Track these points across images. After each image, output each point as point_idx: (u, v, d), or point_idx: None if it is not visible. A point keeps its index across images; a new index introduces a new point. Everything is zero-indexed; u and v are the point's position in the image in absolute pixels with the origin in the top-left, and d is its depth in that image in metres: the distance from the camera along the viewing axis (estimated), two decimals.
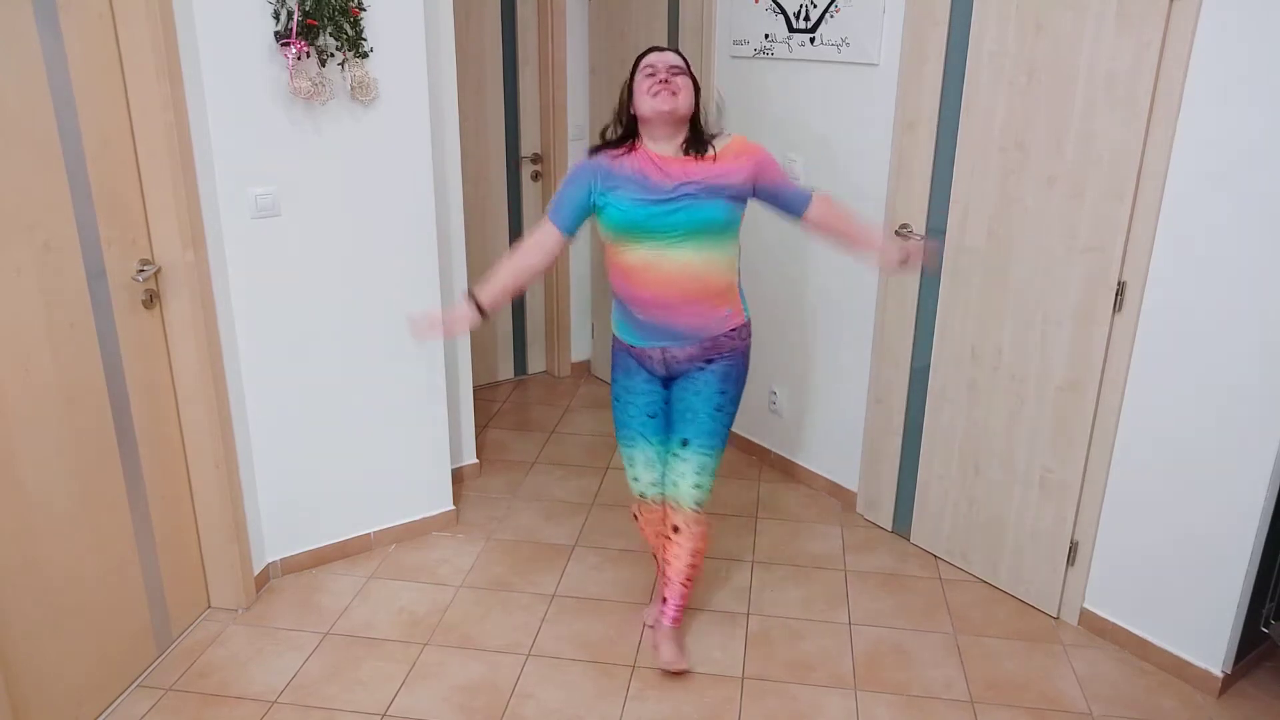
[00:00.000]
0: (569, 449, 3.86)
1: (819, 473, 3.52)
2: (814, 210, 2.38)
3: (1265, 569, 2.39)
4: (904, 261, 2.34)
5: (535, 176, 4.35)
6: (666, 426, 2.47)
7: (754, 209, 2.37)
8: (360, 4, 2.54)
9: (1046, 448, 2.69)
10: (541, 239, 2.34)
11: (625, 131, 2.33)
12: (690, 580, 2.52)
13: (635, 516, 2.65)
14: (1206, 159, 2.24)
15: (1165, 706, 2.43)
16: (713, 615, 2.78)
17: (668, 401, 2.46)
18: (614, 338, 2.48)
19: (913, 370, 3.05)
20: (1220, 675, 2.44)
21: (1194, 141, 2.25)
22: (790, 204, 2.38)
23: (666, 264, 2.25)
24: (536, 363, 4.65)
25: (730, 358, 2.39)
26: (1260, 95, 2.12)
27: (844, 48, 3.03)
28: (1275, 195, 2.13)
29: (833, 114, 3.14)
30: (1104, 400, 2.54)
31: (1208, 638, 2.45)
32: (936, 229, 2.86)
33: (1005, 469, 2.81)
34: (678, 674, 2.52)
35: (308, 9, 2.44)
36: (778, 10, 3.21)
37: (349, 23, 2.51)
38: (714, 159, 2.27)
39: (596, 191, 2.28)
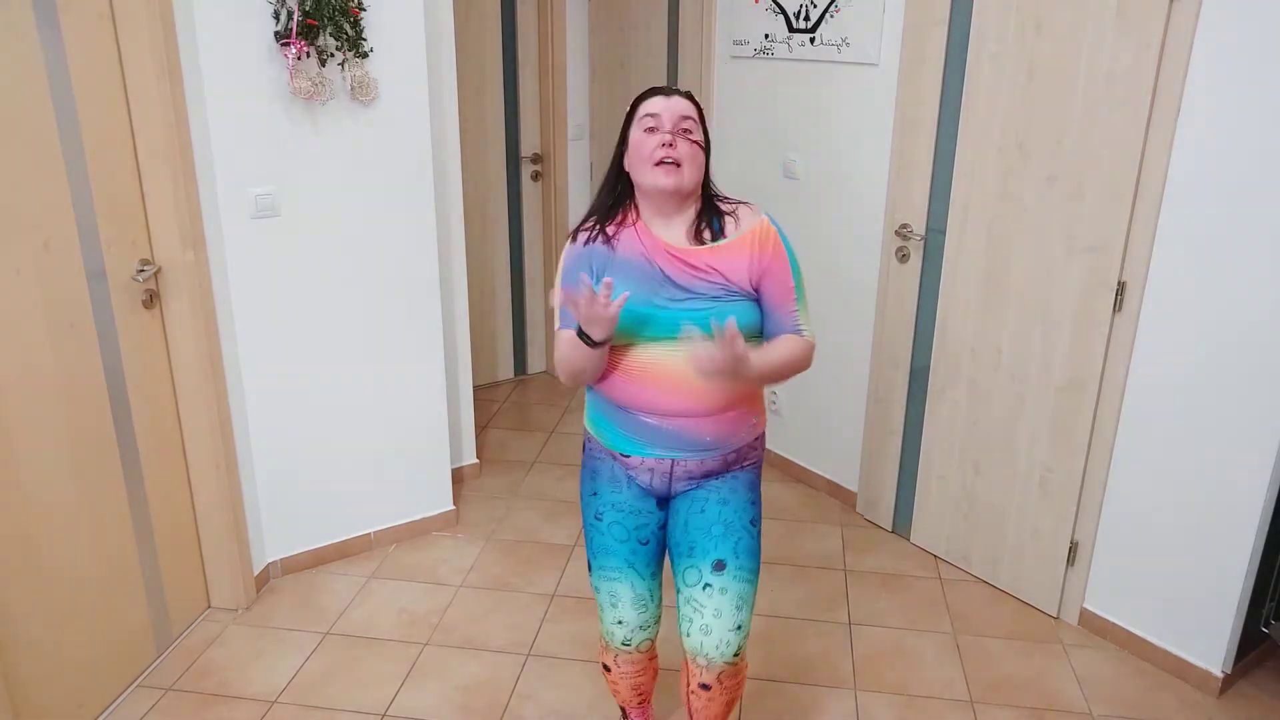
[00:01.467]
0: (569, 449, 3.86)
1: (819, 473, 3.52)
2: (781, 346, 1.79)
3: (1265, 569, 2.39)
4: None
5: (535, 176, 4.35)
6: (659, 556, 1.96)
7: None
8: (360, 4, 2.54)
9: (1046, 448, 2.69)
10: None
11: (618, 192, 1.82)
12: None
13: (606, 669, 2.07)
14: (1207, 159, 2.24)
15: (1165, 706, 2.43)
16: None
17: (663, 526, 1.94)
18: (589, 440, 1.96)
19: (913, 370, 3.05)
20: (1220, 675, 2.44)
21: (1194, 141, 2.25)
22: (777, 326, 1.81)
23: (681, 368, 1.74)
24: (536, 363, 4.65)
25: (755, 467, 1.96)
26: (1260, 95, 2.12)
27: (844, 48, 3.03)
28: (1275, 195, 2.13)
29: (833, 114, 3.14)
30: (1104, 400, 2.54)
31: (1208, 638, 2.45)
32: (936, 229, 2.86)
33: (1005, 469, 2.81)
34: None
35: (308, 9, 2.44)
36: (778, 10, 3.21)
37: (349, 23, 2.51)
38: (735, 246, 1.77)
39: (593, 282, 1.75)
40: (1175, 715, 2.40)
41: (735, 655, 1.85)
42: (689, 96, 1.80)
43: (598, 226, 1.82)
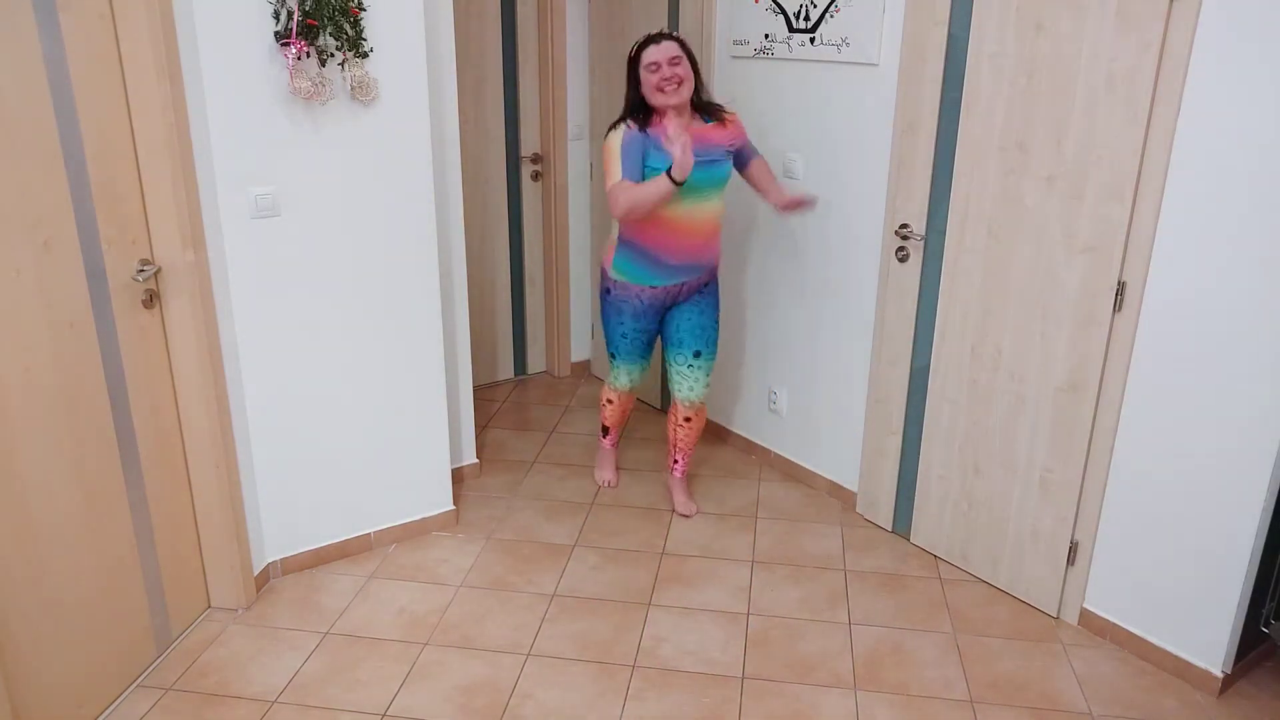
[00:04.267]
0: (569, 449, 3.86)
1: (819, 473, 3.52)
2: (752, 167, 3.04)
3: (1265, 569, 2.39)
4: (791, 204, 2.94)
5: (535, 176, 4.35)
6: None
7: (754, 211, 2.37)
8: (360, 4, 2.54)
9: (1046, 448, 2.69)
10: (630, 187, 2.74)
11: (639, 110, 2.78)
12: (694, 444, 3.30)
13: (609, 402, 3.33)
14: (1206, 159, 2.24)
15: (1165, 706, 2.43)
16: (713, 615, 2.78)
17: (660, 328, 3.13)
18: (620, 286, 2.98)
19: (913, 370, 3.05)
20: (1220, 675, 2.44)
21: (1194, 141, 2.25)
22: (745, 157, 3.03)
23: (699, 214, 2.82)
24: (536, 363, 4.65)
25: (715, 280, 3.12)
26: (1260, 95, 2.12)
27: (844, 48, 3.03)
28: (1275, 195, 2.13)
29: (833, 114, 3.14)
30: (1104, 400, 2.54)
31: (1208, 638, 2.45)
32: (936, 229, 2.86)
33: (1005, 469, 2.81)
34: (688, 517, 3.28)
35: (308, 9, 2.44)
36: (778, 10, 3.21)
37: (349, 23, 2.51)
38: (725, 125, 2.87)
39: (649, 158, 2.72)
40: (1175, 715, 2.40)
41: (703, 399, 3.20)
42: (672, 37, 2.77)
43: (637, 122, 2.78)
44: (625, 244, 2.91)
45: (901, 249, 2.97)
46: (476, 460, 3.59)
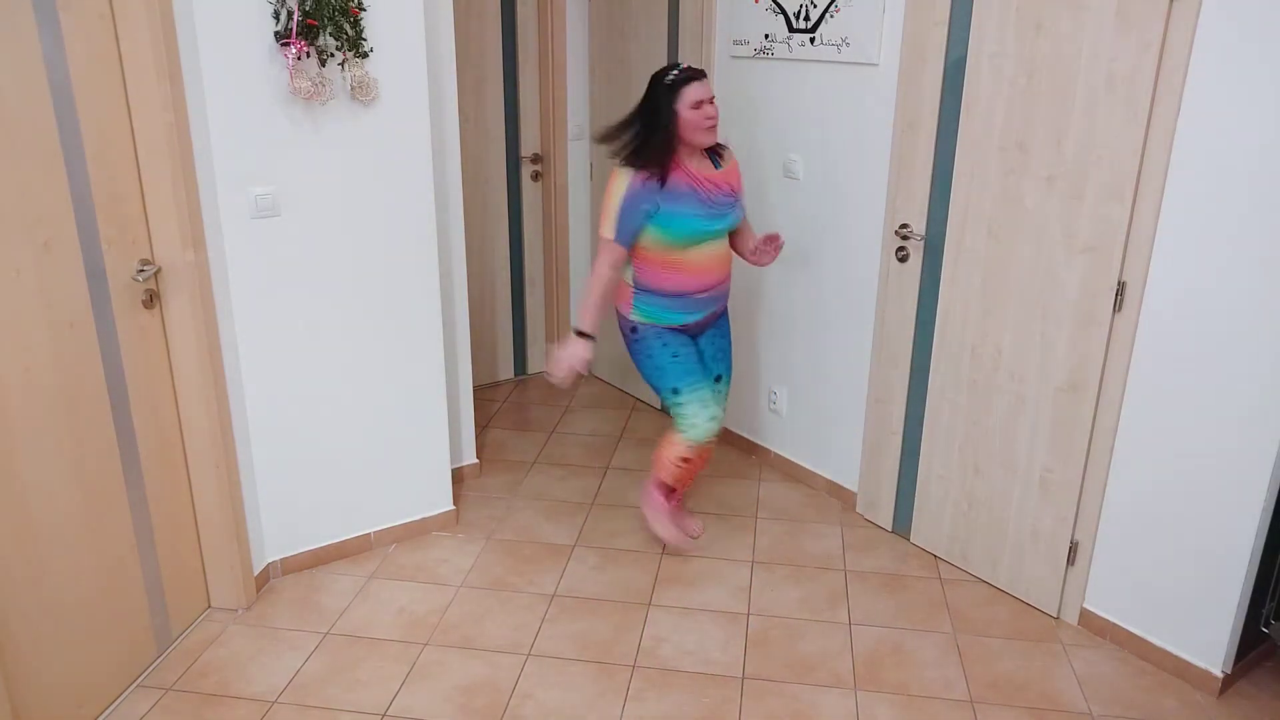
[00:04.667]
0: (569, 449, 3.86)
1: (819, 473, 3.52)
2: (743, 224, 2.90)
3: (1265, 569, 2.39)
4: (766, 248, 2.87)
5: (535, 176, 4.35)
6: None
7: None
8: (360, 4, 2.54)
9: (1046, 448, 2.69)
10: (616, 261, 2.70)
11: (666, 149, 2.62)
12: (691, 481, 3.18)
13: (686, 461, 2.92)
14: (1206, 159, 2.24)
15: (1165, 706, 2.43)
16: (713, 615, 2.78)
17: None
18: (648, 329, 2.81)
19: (913, 370, 3.05)
20: (1220, 675, 2.44)
21: (1194, 141, 2.25)
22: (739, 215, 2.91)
23: (714, 253, 2.76)
24: (536, 363, 4.65)
25: (727, 308, 3.03)
26: (1260, 95, 2.12)
27: (844, 48, 3.03)
28: (1275, 195, 2.13)
29: (833, 114, 3.14)
30: (1104, 400, 2.54)
31: (1208, 638, 2.45)
32: (936, 229, 2.86)
33: (1005, 469, 2.81)
34: (698, 536, 3.16)
35: (308, 9, 2.44)
36: (778, 10, 3.21)
37: (349, 23, 2.51)
38: (728, 172, 2.77)
39: (656, 210, 2.62)
40: (1175, 715, 2.40)
41: (719, 430, 2.90)
42: (703, 74, 2.66)
43: (656, 174, 2.63)
44: (644, 292, 2.78)
45: (901, 249, 2.97)
46: (476, 460, 3.59)
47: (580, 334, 2.70)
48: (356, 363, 2.89)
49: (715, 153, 2.76)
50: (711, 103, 2.63)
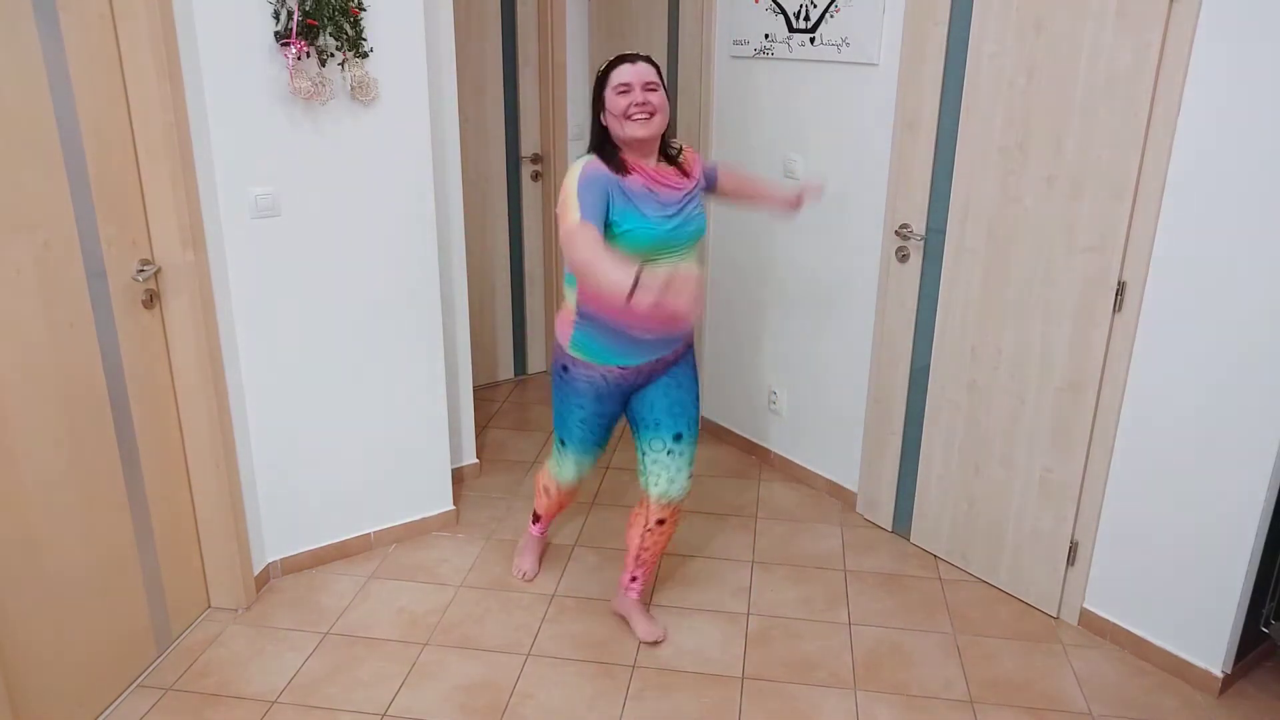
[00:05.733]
0: None
1: (819, 473, 3.52)
2: (722, 181, 2.53)
3: (1265, 569, 2.39)
4: (799, 202, 2.53)
5: (535, 176, 4.35)
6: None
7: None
8: (360, 4, 2.54)
9: (1046, 448, 2.69)
10: (597, 239, 2.10)
11: (599, 142, 2.27)
12: (660, 555, 2.73)
13: (546, 491, 2.78)
14: (1206, 159, 2.24)
15: (1165, 706, 2.43)
16: (713, 615, 2.78)
17: (624, 411, 2.55)
18: (580, 365, 2.38)
19: (913, 370, 3.05)
20: (1220, 675, 2.44)
21: (1194, 142, 2.25)
22: (710, 177, 2.51)
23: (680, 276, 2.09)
24: (536, 363, 4.65)
25: (691, 348, 2.56)
26: (1260, 95, 2.12)
27: (844, 48, 3.03)
28: (1275, 195, 2.13)
29: (833, 114, 3.14)
30: (1104, 400, 2.54)
31: (1208, 638, 2.45)
32: (936, 229, 2.86)
33: (1005, 469, 2.81)
34: (655, 644, 2.66)
35: (308, 9, 2.44)
36: (778, 10, 3.21)
37: (349, 23, 2.51)
38: (689, 169, 2.37)
39: (614, 207, 2.20)
40: (1175, 715, 2.40)
41: (683, 496, 2.53)
42: (648, 60, 2.26)
43: (606, 161, 2.24)
44: (585, 319, 2.33)
45: (901, 249, 2.97)
46: (476, 460, 3.59)
47: (631, 286, 1.94)
48: (356, 362, 2.89)
49: (672, 156, 2.35)
50: (646, 88, 2.20)
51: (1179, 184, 2.29)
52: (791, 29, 3.18)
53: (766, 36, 3.28)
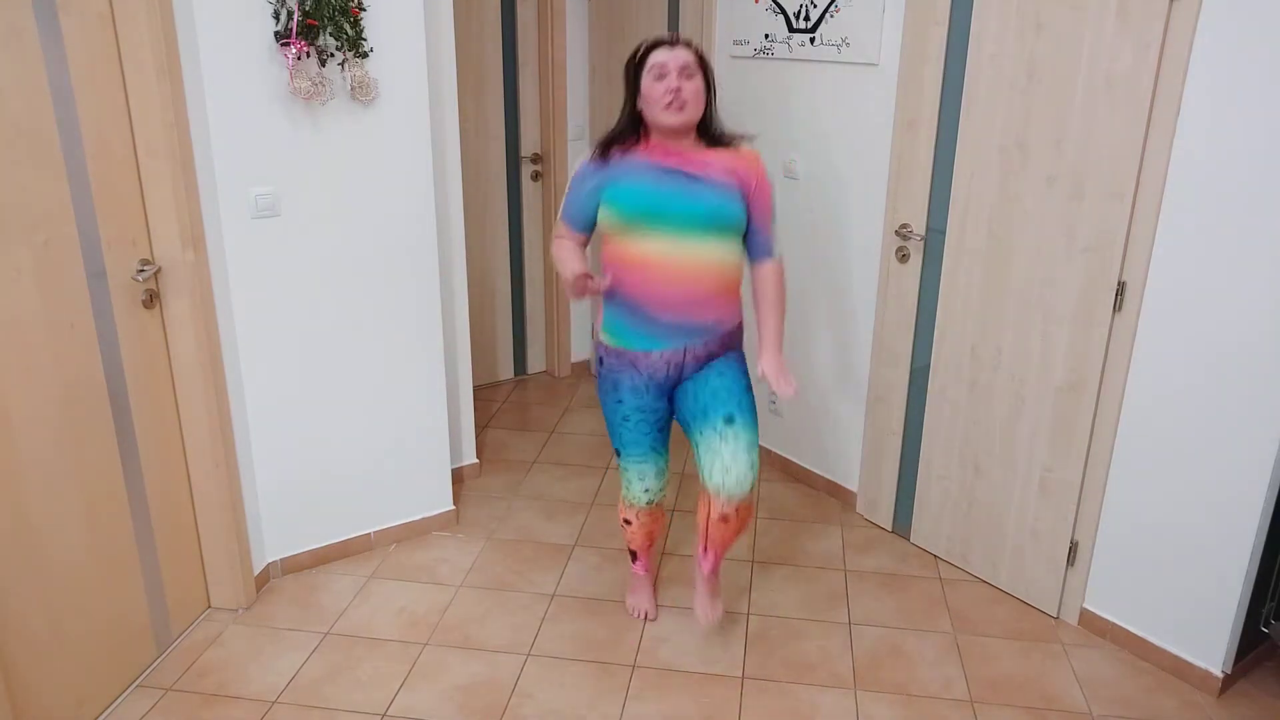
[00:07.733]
0: (569, 449, 3.86)
1: (819, 473, 3.52)
2: (765, 268, 2.36)
3: (1265, 569, 2.39)
4: (764, 374, 2.29)
5: (535, 176, 4.35)
6: (669, 435, 2.52)
7: None
8: (360, 4, 2.54)
9: (1046, 448, 2.69)
10: (567, 237, 2.37)
11: (630, 124, 2.26)
12: (731, 544, 2.46)
13: (627, 523, 2.61)
14: (1207, 159, 2.24)
15: (1165, 706, 2.43)
16: None
17: (672, 414, 2.45)
18: (612, 354, 2.37)
19: (913, 370, 3.05)
20: (1220, 675, 2.44)
21: (1194, 142, 2.25)
22: (755, 245, 2.34)
23: (686, 256, 2.19)
24: (536, 363, 4.65)
25: (740, 352, 2.42)
26: (1260, 95, 2.12)
27: (844, 48, 3.03)
28: (1275, 195, 2.13)
29: (833, 114, 3.14)
30: (1104, 400, 2.54)
31: (1208, 638, 2.45)
32: (936, 229, 2.86)
33: (1005, 469, 2.81)
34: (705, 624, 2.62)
35: (308, 9, 2.44)
36: (778, 10, 3.21)
37: (349, 23, 2.51)
38: (734, 153, 2.27)
39: (602, 188, 2.24)
40: (1175, 715, 2.40)
41: (750, 488, 2.30)
42: (689, 45, 2.20)
43: (602, 150, 2.28)
44: (612, 299, 2.33)
45: (901, 249, 2.97)
46: (476, 460, 3.59)
47: (575, 277, 2.16)
48: (356, 362, 2.89)
49: (720, 142, 2.28)
50: (683, 73, 2.15)
51: (1179, 184, 2.29)
52: (791, 29, 3.18)
53: (766, 37, 3.28)
